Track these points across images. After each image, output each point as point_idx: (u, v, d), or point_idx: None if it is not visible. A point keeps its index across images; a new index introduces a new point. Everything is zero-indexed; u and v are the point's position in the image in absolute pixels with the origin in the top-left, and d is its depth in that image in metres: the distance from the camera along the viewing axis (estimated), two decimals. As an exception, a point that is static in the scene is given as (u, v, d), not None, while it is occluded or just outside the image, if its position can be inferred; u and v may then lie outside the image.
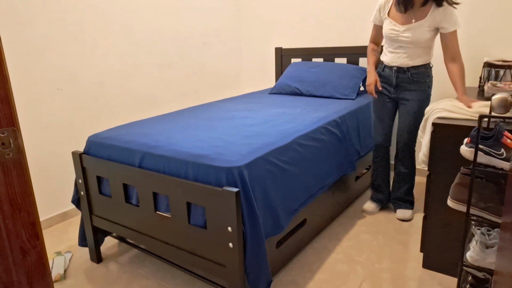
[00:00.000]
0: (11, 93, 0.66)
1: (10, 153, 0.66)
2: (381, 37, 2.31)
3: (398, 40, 2.13)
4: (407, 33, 2.08)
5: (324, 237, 2.27)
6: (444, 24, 2.01)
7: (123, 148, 1.85)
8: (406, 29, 2.08)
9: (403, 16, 2.10)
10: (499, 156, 1.30)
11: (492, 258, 1.34)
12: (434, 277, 1.87)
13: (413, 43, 2.10)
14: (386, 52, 2.26)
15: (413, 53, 2.14)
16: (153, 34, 3.07)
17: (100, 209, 1.99)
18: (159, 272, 1.99)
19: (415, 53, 2.14)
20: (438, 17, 2.01)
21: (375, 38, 2.37)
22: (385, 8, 2.20)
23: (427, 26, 2.04)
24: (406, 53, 2.15)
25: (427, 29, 2.04)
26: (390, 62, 2.24)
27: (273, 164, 1.67)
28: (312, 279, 1.89)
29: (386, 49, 2.27)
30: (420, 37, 2.06)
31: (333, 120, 2.24)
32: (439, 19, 2.01)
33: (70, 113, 2.55)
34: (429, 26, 2.04)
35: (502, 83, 2.27)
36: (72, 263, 2.11)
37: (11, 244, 0.69)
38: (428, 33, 2.06)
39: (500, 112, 1.35)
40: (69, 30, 2.48)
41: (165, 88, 3.26)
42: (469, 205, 1.35)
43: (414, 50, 2.13)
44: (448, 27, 2.01)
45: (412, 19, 2.07)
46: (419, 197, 2.77)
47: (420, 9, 2.05)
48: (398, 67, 2.21)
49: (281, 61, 3.61)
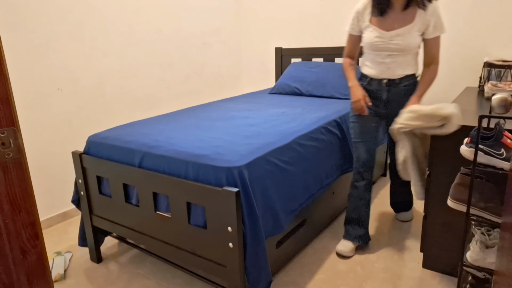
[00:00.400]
0: (11, 93, 0.66)
1: (10, 153, 0.66)
2: (358, 48, 2.05)
3: (386, 48, 1.87)
4: (397, 40, 1.83)
5: (324, 237, 2.27)
6: (431, 28, 1.82)
7: (123, 148, 1.84)
8: (395, 35, 1.83)
9: (388, 21, 1.85)
10: (499, 156, 1.30)
11: (492, 258, 1.34)
12: (434, 277, 1.87)
13: (404, 50, 1.85)
14: (370, 64, 1.96)
15: (403, 61, 1.89)
16: (153, 34, 3.07)
17: (100, 209, 1.99)
18: (159, 272, 1.99)
19: (404, 61, 1.89)
20: (427, 20, 1.81)
21: (352, 51, 2.05)
22: (364, 14, 1.91)
23: (417, 31, 1.82)
24: (396, 62, 1.89)
25: (417, 33, 1.83)
26: (379, 74, 1.94)
27: (273, 164, 1.67)
28: (312, 279, 1.89)
29: (369, 61, 1.97)
30: (411, 43, 1.83)
31: (333, 120, 2.24)
32: (428, 22, 1.81)
33: (70, 113, 2.55)
34: (418, 31, 1.83)
35: (502, 83, 2.27)
36: (72, 263, 2.11)
37: (11, 244, 0.69)
38: (418, 38, 1.84)
39: (500, 112, 1.35)
40: (69, 30, 2.48)
41: (165, 88, 3.26)
42: (469, 205, 1.35)
43: (403, 58, 1.89)
44: (434, 31, 1.83)
45: (397, 24, 1.84)
46: (419, 197, 2.77)
47: (404, 13, 1.83)
48: (389, 79, 1.93)
49: (281, 61, 3.61)
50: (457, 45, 2.80)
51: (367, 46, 1.93)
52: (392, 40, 1.84)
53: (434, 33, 1.83)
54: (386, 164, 3.20)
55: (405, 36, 1.82)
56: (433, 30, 1.82)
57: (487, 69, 2.48)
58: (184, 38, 3.36)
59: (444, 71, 2.91)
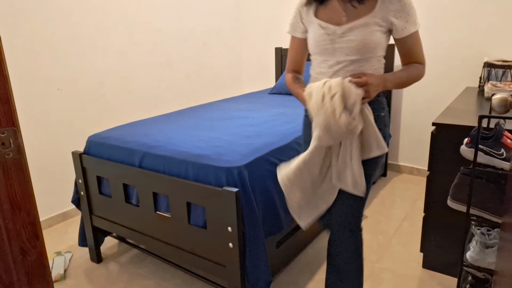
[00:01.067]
0: (11, 93, 0.66)
1: (10, 153, 0.66)
2: (305, 57, 1.50)
3: (335, 50, 1.30)
4: (349, 36, 1.27)
5: (324, 237, 2.27)
6: (401, 23, 1.27)
7: (123, 148, 1.84)
8: (347, 30, 1.27)
9: (338, 13, 1.30)
10: (499, 156, 1.30)
11: (492, 258, 1.34)
12: (434, 277, 1.87)
13: (360, 51, 1.28)
14: (319, 77, 1.36)
15: (360, 69, 1.30)
16: (153, 34, 3.07)
17: (100, 209, 1.98)
18: (159, 272, 1.99)
19: (363, 69, 1.30)
20: (392, 11, 1.26)
21: (296, 61, 1.49)
22: (310, 8, 1.37)
23: (377, 25, 1.27)
24: (352, 70, 1.30)
25: (377, 28, 1.27)
26: None
27: (273, 164, 1.67)
28: (312, 279, 1.89)
29: (317, 73, 1.38)
30: (369, 40, 1.26)
31: (333, 120, 2.24)
32: (393, 14, 1.26)
33: (70, 113, 2.55)
34: (379, 25, 1.27)
35: (502, 83, 2.27)
36: (72, 263, 2.11)
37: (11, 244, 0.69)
38: (379, 35, 1.28)
39: (500, 112, 1.35)
40: (69, 30, 2.48)
41: (165, 88, 3.26)
42: (469, 205, 1.35)
43: (361, 64, 1.30)
44: (406, 27, 1.28)
45: (350, 16, 1.29)
46: (419, 197, 2.77)
47: (359, 3, 1.29)
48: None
49: (281, 61, 3.61)
50: (457, 45, 2.80)
51: (312, 49, 1.38)
52: (343, 36, 1.28)
53: (408, 29, 1.28)
54: (386, 164, 3.20)
55: (360, 31, 1.27)
56: (404, 25, 1.28)
57: (487, 69, 2.49)
58: (184, 38, 3.36)
59: (444, 71, 2.91)
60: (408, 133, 3.20)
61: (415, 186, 2.97)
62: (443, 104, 2.96)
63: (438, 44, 2.88)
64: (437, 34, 2.86)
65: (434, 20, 2.85)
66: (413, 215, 2.51)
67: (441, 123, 1.72)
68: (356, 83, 1.18)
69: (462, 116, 1.81)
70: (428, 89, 3.01)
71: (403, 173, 3.27)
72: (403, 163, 3.28)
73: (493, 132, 1.34)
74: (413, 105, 3.11)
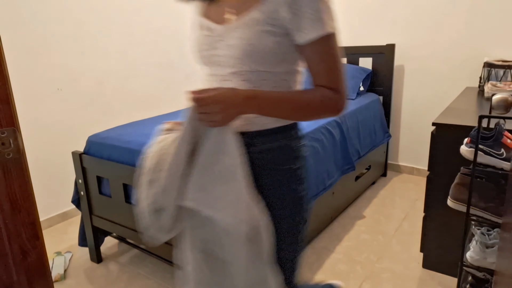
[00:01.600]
0: (11, 93, 0.66)
1: (10, 153, 0.66)
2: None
3: (213, 58, 0.95)
4: (228, 39, 0.89)
5: (324, 237, 2.27)
6: (295, 21, 0.84)
7: (123, 148, 1.84)
8: (225, 30, 0.91)
9: (221, 9, 0.94)
10: (499, 156, 1.30)
11: (492, 258, 1.34)
12: (434, 277, 1.87)
13: (243, 61, 0.89)
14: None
15: (246, 86, 0.92)
16: (153, 34, 3.07)
17: (100, 209, 1.98)
18: (159, 272, 1.99)
19: (251, 86, 0.92)
20: (283, 2, 0.84)
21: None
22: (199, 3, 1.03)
23: (265, 25, 0.85)
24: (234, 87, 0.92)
25: (265, 28, 0.85)
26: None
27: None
28: (312, 280, 1.89)
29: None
30: (254, 46, 0.86)
31: (333, 120, 2.24)
32: (285, 6, 0.83)
33: (70, 113, 2.55)
34: (270, 24, 0.85)
35: (502, 83, 2.27)
36: (72, 263, 2.11)
37: (11, 244, 0.69)
38: (269, 39, 0.85)
39: (500, 112, 1.35)
40: (69, 30, 2.48)
41: (165, 88, 3.26)
42: (469, 205, 1.35)
43: (247, 78, 0.91)
44: (307, 28, 0.84)
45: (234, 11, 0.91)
46: (419, 197, 2.77)
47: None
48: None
49: (281, 61, 3.60)
50: (457, 45, 2.80)
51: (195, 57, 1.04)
52: (221, 39, 0.91)
53: (308, 32, 0.84)
54: (386, 164, 3.20)
55: (242, 31, 0.87)
56: (301, 24, 0.84)
57: (487, 69, 2.49)
58: (184, 38, 3.36)
59: (444, 71, 2.91)
60: (408, 133, 3.20)
61: (415, 186, 2.97)
62: (443, 104, 2.96)
63: (438, 44, 2.88)
64: (437, 34, 2.86)
65: (434, 20, 2.85)
66: (413, 215, 2.51)
67: (441, 123, 1.72)
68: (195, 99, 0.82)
69: (462, 116, 1.81)
70: (428, 89, 3.01)
71: (403, 173, 3.27)
72: (403, 163, 3.28)
73: (493, 132, 1.34)
74: (413, 105, 3.11)
